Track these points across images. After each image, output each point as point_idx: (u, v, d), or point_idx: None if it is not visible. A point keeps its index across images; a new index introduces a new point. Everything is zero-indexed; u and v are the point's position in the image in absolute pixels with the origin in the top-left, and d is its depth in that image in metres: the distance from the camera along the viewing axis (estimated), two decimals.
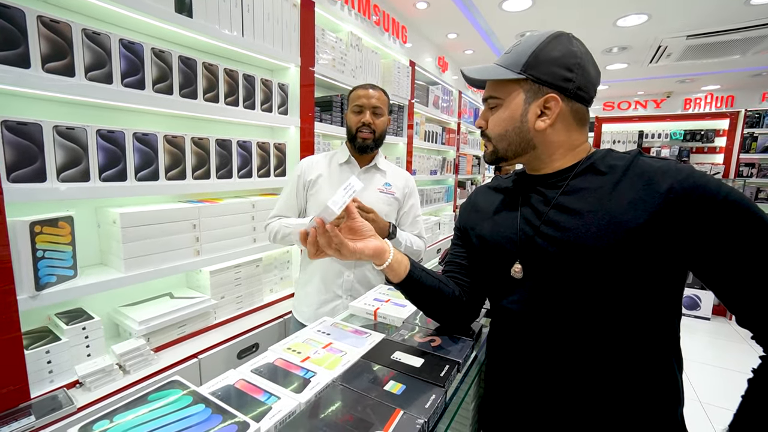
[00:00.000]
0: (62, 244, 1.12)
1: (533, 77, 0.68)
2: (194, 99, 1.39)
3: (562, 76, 0.68)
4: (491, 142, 0.76)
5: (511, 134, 0.72)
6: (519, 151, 0.73)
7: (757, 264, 0.55)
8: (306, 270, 1.45)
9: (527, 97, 0.69)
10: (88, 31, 1.10)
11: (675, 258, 0.60)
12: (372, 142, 1.38)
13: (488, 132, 0.76)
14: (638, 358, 0.64)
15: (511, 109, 0.71)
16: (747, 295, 0.57)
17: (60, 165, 1.08)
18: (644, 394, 0.64)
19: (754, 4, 2.70)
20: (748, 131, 5.49)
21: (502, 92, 0.72)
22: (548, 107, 0.69)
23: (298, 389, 0.65)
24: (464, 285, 0.87)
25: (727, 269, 0.57)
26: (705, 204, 0.56)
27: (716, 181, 0.58)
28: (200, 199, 1.60)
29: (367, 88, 1.37)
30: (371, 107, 1.36)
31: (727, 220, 0.56)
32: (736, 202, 0.56)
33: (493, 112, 0.75)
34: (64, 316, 1.19)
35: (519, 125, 0.71)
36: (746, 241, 0.55)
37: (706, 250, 0.57)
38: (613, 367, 0.64)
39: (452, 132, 4.08)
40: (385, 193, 1.43)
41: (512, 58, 0.70)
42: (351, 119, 1.38)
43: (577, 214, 0.66)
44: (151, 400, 0.59)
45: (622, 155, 0.69)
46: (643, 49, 3.79)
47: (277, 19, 1.72)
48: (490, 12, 2.95)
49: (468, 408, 0.89)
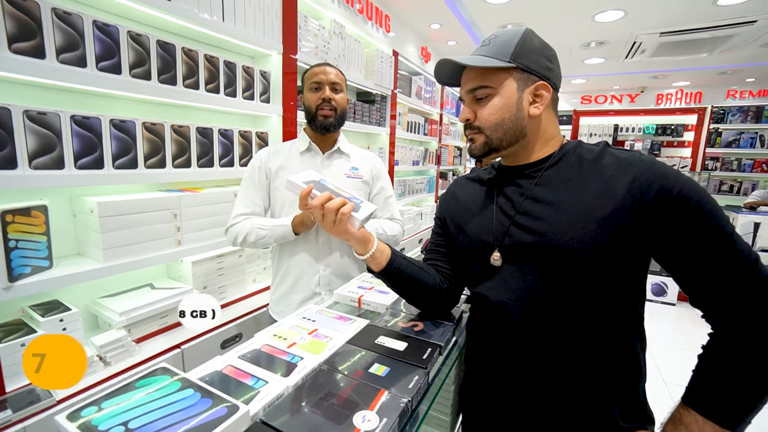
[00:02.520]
0: (36, 234, 1.08)
1: (523, 65, 0.70)
2: (173, 85, 1.35)
3: (546, 65, 0.72)
4: (483, 133, 0.75)
5: (508, 122, 0.72)
6: (512, 139, 0.74)
7: (706, 250, 0.60)
8: (280, 269, 1.37)
9: (519, 84, 0.71)
10: (59, 11, 1.05)
11: (638, 244, 0.65)
12: (335, 120, 1.29)
13: (479, 123, 0.75)
14: (604, 336, 0.69)
15: (506, 96, 0.71)
16: (697, 278, 0.62)
17: (32, 151, 1.04)
18: (610, 369, 0.69)
19: (721, 5, 2.82)
20: (714, 126, 5.77)
21: (493, 81, 0.72)
22: (539, 95, 0.72)
23: (285, 373, 0.67)
24: (445, 272, 0.90)
25: (681, 254, 0.62)
26: (662, 194, 0.61)
27: (674, 172, 0.63)
28: (181, 188, 1.57)
29: (324, 66, 1.30)
30: (330, 83, 1.28)
31: (681, 210, 0.61)
32: (689, 193, 0.61)
33: (482, 103, 0.74)
34: (40, 308, 1.15)
35: (515, 112, 0.72)
36: (697, 230, 0.60)
37: (664, 236, 0.63)
38: (582, 345, 0.69)
39: (434, 123, 4.11)
40: (353, 177, 1.34)
41: (496, 48, 0.71)
42: (309, 98, 1.29)
43: (549, 204, 0.70)
44: (138, 386, 0.60)
45: (591, 147, 0.73)
46: (619, 45, 3.90)
47: (258, 5, 1.68)
48: (472, 3, 2.96)
49: (449, 390, 0.93)
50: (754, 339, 0.59)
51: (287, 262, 1.35)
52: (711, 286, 0.61)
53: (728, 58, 4.26)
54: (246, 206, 1.31)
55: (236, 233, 1.28)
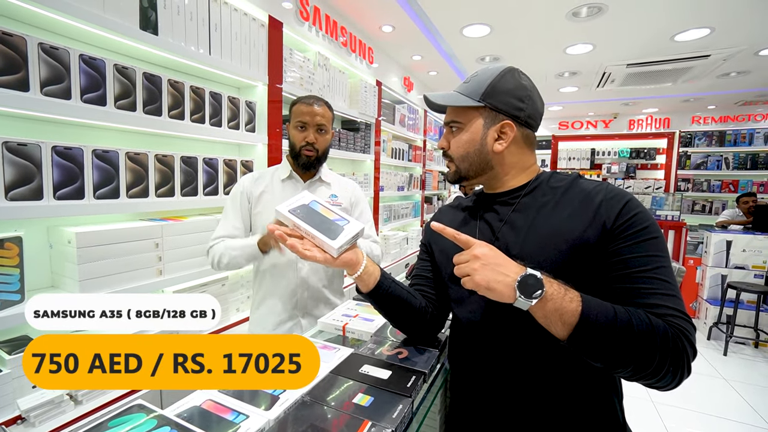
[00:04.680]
0: (8, 267, 1.05)
1: (491, 105, 0.77)
2: (159, 116, 1.37)
3: (515, 105, 0.77)
4: (454, 163, 0.83)
5: (472, 155, 0.79)
6: (479, 171, 0.81)
7: (642, 260, 0.65)
8: (259, 291, 1.37)
9: (486, 122, 0.78)
10: (45, 45, 1.07)
11: (604, 257, 0.68)
12: (315, 160, 1.32)
13: (451, 153, 0.83)
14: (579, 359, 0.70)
15: (471, 132, 0.79)
16: (632, 278, 0.65)
17: (9, 182, 1.02)
18: (584, 386, 0.71)
19: (677, 41, 3.06)
20: (683, 150, 6.09)
21: (463, 117, 0.80)
22: (504, 132, 0.77)
23: (267, 407, 0.65)
24: (430, 297, 0.91)
25: (622, 260, 0.66)
26: (622, 214, 0.67)
27: (636, 201, 0.70)
28: (164, 217, 1.55)
29: (312, 104, 1.29)
30: (315, 125, 1.29)
31: (633, 230, 0.66)
32: (641, 219, 0.67)
33: (454, 135, 0.82)
34: (7, 345, 1.10)
35: (479, 147, 0.78)
36: (640, 249, 0.65)
37: (615, 249, 0.67)
38: (556, 364, 0.70)
39: (418, 149, 4.21)
40: (333, 205, 1.38)
41: (471, 88, 0.78)
42: (294, 135, 1.31)
43: (525, 228, 0.74)
44: (112, 426, 0.57)
45: (563, 176, 0.78)
46: (591, 74, 4.15)
47: (244, 39, 1.74)
48: (451, 37, 3.13)
49: (434, 417, 0.92)
50: (658, 327, 0.60)
51: (266, 286, 1.35)
52: (642, 289, 0.64)
53: (690, 87, 4.57)
54: (225, 229, 1.32)
55: (213, 255, 1.28)
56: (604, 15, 2.63)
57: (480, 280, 0.62)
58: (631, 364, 0.59)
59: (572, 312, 0.59)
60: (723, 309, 3.36)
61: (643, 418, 2.33)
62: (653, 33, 2.95)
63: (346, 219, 0.84)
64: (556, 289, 0.60)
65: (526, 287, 0.60)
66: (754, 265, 3.41)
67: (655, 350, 0.58)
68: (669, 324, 0.60)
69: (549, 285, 0.60)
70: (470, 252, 0.65)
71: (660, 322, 0.60)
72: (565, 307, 0.59)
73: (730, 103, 5.47)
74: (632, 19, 2.71)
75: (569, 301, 0.60)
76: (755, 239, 3.41)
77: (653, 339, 0.58)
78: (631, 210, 0.68)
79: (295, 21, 2.15)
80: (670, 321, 0.61)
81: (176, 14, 1.43)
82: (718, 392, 2.62)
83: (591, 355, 0.61)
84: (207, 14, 1.55)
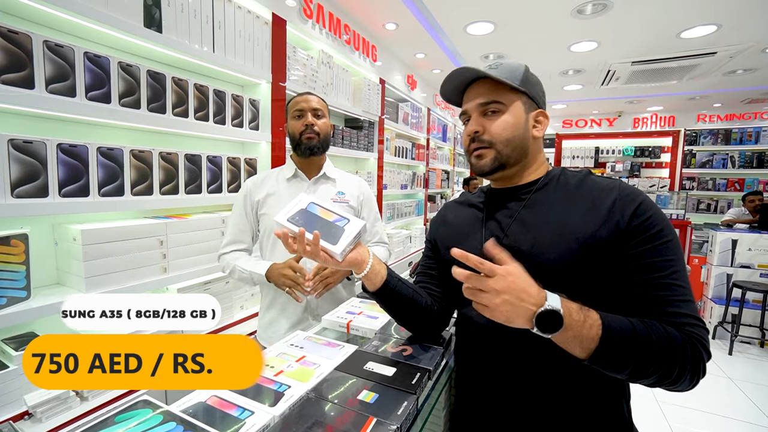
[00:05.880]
0: (14, 264, 1.06)
1: (529, 92, 0.77)
2: (163, 113, 1.37)
3: (542, 98, 0.80)
4: (493, 148, 0.76)
5: (517, 140, 0.76)
6: (518, 157, 0.77)
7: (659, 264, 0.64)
8: (268, 295, 1.36)
9: (526, 108, 0.77)
10: (50, 43, 1.07)
11: (617, 256, 0.67)
12: (318, 143, 1.32)
13: (489, 137, 0.76)
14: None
15: (516, 116, 0.76)
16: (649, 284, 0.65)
17: (15, 180, 1.03)
18: (592, 387, 0.70)
19: (684, 38, 3.03)
20: (688, 148, 6.05)
21: (505, 98, 0.76)
22: (539, 120, 0.79)
23: (272, 403, 0.65)
24: (435, 295, 0.91)
25: (638, 264, 0.66)
26: (636, 215, 0.67)
27: (649, 200, 0.69)
28: (168, 214, 1.56)
29: (305, 94, 1.34)
30: (311, 110, 1.31)
31: (648, 232, 0.66)
32: (656, 221, 0.67)
33: (493, 118, 0.76)
34: (14, 342, 1.11)
35: (523, 132, 0.77)
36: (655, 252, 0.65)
37: (630, 251, 0.66)
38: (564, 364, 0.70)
39: (421, 147, 4.20)
40: (339, 202, 1.36)
41: (507, 73, 0.76)
42: (293, 126, 1.33)
43: (535, 225, 0.73)
44: (118, 421, 0.58)
45: (574, 173, 0.77)
46: (595, 72, 4.12)
47: (248, 36, 1.74)
48: (455, 34, 3.11)
49: (439, 415, 0.91)
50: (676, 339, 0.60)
51: (275, 288, 1.33)
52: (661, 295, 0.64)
53: (696, 85, 4.53)
54: (233, 235, 1.35)
55: (224, 265, 1.33)
56: (609, 12, 2.61)
57: (498, 316, 0.60)
58: (652, 377, 0.60)
59: (592, 338, 0.59)
60: (728, 308, 3.34)
61: (648, 417, 2.32)
62: (659, 30, 2.93)
63: (346, 218, 0.82)
64: (575, 318, 0.59)
65: (544, 325, 0.58)
66: (760, 264, 3.39)
67: (675, 362, 0.59)
68: (686, 334, 0.61)
69: (568, 315, 0.58)
70: (491, 285, 0.60)
71: (678, 334, 0.60)
72: (585, 334, 0.59)
73: (736, 100, 5.42)
74: (638, 16, 2.69)
75: (588, 328, 0.59)
76: (761, 238, 3.39)
77: (673, 353, 0.59)
78: (646, 211, 0.67)
79: (299, 19, 2.14)
80: (688, 330, 0.62)
81: (180, 12, 1.43)
82: (723, 392, 2.61)
83: (610, 371, 0.62)
84: (211, 12, 1.55)
